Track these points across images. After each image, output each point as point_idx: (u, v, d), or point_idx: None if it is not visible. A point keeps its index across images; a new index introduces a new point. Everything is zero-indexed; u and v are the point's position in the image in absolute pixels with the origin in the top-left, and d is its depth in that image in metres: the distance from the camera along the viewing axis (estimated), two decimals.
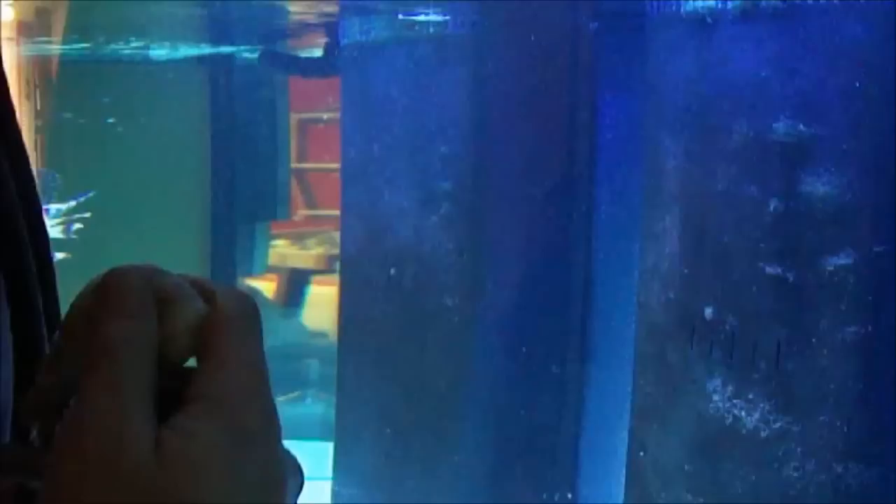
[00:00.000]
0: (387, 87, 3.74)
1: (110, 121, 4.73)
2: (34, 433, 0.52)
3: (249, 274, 5.54)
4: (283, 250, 6.59)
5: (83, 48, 4.75)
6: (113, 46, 4.86)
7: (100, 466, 0.43)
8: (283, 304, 6.65)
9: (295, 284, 6.52)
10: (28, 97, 4.51)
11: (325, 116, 5.76)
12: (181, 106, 5.03)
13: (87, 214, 4.11)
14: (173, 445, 0.44)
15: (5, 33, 4.11)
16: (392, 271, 3.78)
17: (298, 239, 6.60)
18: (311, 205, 6.75)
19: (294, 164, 6.28)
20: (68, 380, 0.48)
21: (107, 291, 0.47)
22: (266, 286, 6.59)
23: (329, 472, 4.27)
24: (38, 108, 4.60)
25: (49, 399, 0.50)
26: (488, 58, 3.57)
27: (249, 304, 0.49)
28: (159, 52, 4.87)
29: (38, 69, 4.56)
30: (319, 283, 6.33)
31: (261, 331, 0.49)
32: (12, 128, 0.76)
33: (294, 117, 5.92)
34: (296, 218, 6.51)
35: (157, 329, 0.47)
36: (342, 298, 4.15)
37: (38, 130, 4.52)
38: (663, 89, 3.01)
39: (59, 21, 4.33)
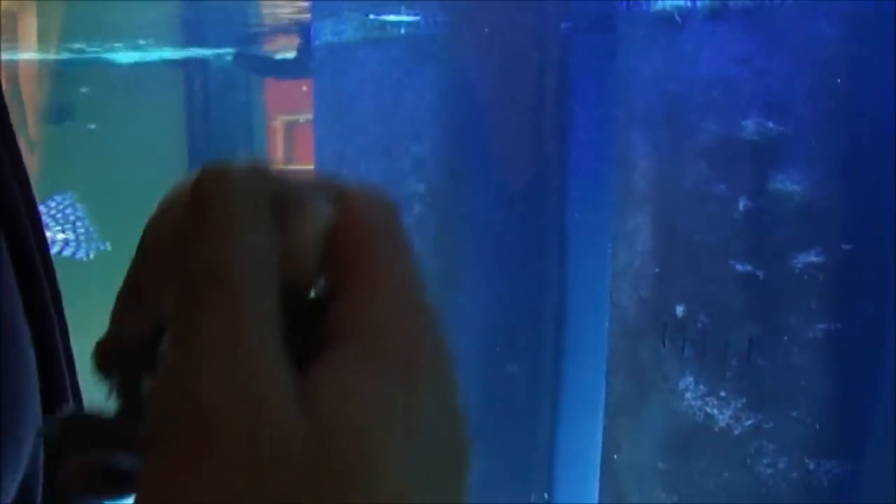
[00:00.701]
0: (359, 87, 3.73)
1: (91, 126, 4.72)
2: (110, 394, 0.39)
3: None
4: None
5: (55, 52, 4.73)
6: (86, 50, 4.85)
7: (228, 433, 0.30)
8: None
9: None
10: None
11: (311, 118, 5.72)
12: (157, 109, 5.03)
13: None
14: (330, 403, 0.31)
15: None
16: None
17: None
18: None
19: (283, 166, 6.21)
20: (151, 320, 0.36)
21: (204, 198, 0.34)
22: None
23: None
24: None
25: (129, 347, 0.38)
26: (460, 58, 3.58)
27: (393, 206, 0.37)
28: (133, 56, 4.87)
29: (6, 74, 4.54)
30: None
31: (411, 242, 0.36)
32: (8, 129, 0.71)
33: (280, 119, 5.91)
34: None
35: (278, 243, 0.34)
36: None
37: None
38: (634, 88, 3.02)
39: (28, 25, 4.31)
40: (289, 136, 6.24)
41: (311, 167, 4.35)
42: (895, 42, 2.59)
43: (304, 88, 4.72)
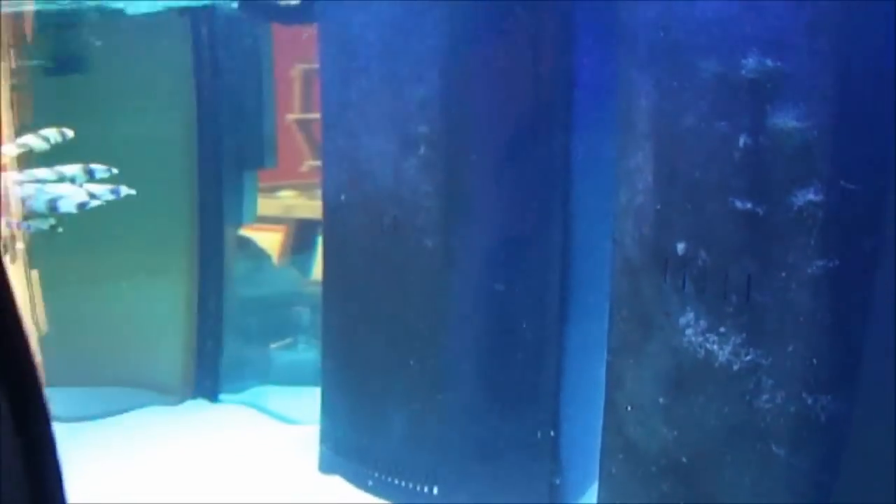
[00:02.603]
0: (363, 31, 3.74)
1: (94, 75, 4.73)
2: None
3: (239, 223, 5.58)
4: (290, 201, 6.62)
5: (59, 3, 4.74)
6: (90, 1, 4.85)
7: None
8: (291, 255, 6.69)
9: (303, 234, 6.55)
10: (1, 57, 4.51)
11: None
12: (164, 58, 5.04)
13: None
14: None
15: None
16: (372, 214, 3.81)
17: (305, 189, 6.62)
18: (317, 155, 6.73)
19: (299, 115, 6.27)
20: None
21: None
22: (273, 237, 6.63)
23: None
24: (14, 66, 4.60)
25: None
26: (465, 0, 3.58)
27: None
28: (139, 5, 4.87)
29: (12, 27, 4.55)
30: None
31: None
32: None
33: (298, 68, 5.91)
34: (303, 169, 6.51)
35: None
36: (325, 243, 4.19)
37: (14, 89, 4.52)
38: (635, 27, 3.02)
39: None
40: (307, 84, 6.25)
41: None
42: None
43: None
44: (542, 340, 3.74)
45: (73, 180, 3.21)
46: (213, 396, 5.45)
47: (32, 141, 3.24)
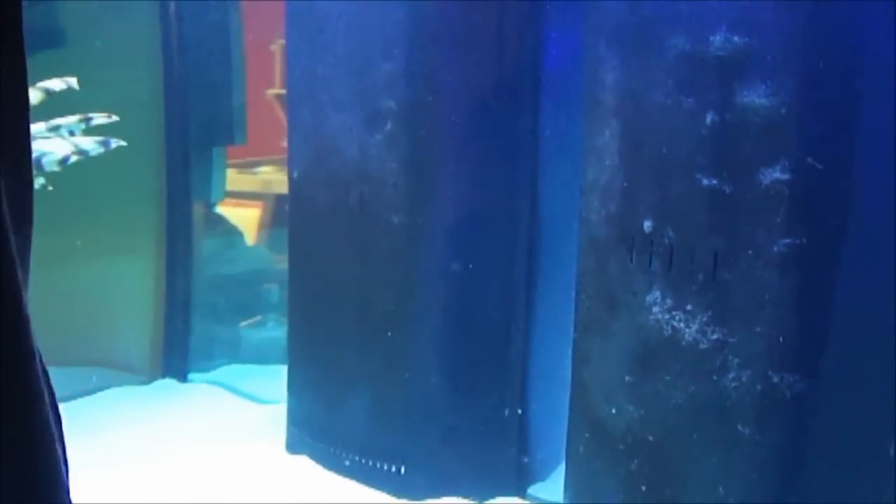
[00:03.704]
0: (329, 5, 3.70)
1: (57, 50, 4.65)
2: None
3: (207, 199, 5.52)
4: (268, 176, 6.56)
5: None
6: None
7: None
8: (269, 230, 6.64)
9: (280, 210, 6.49)
10: None
11: None
12: (131, 32, 4.96)
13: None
14: None
15: None
16: (338, 191, 3.78)
17: (285, 165, 6.56)
18: None
19: (279, 91, 6.21)
20: None
21: None
22: (250, 213, 6.58)
23: None
24: None
25: None
26: None
27: None
28: None
29: None
30: None
31: None
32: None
33: (279, 43, 5.83)
34: (284, 144, 6.46)
35: None
36: (291, 220, 4.16)
37: None
38: (602, 4, 3.00)
39: None
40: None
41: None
42: None
43: None
44: (509, 319, 3.72)
45: (71, 133, 3.04)
46: (182, 376, 5.41)
47: (32, 95, 3.12)
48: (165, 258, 5.27)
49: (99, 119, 3.08)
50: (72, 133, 3.02)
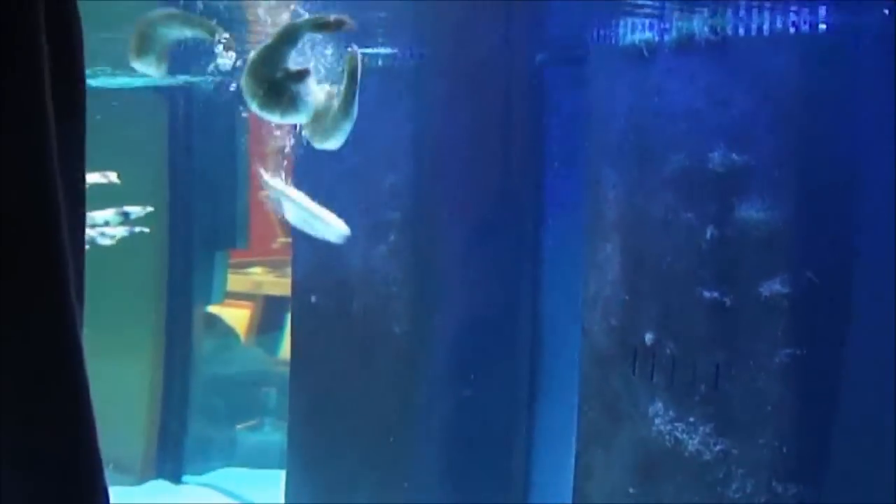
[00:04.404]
0: None
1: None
2: None
3: (208, 302, 5.54)
4: (259, 277, 6.59)
5: None
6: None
7: None
8: (259, 332, 6.63)
9: (271, 312, 6.50)
10: None
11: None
12: (138, 135, 5.04)
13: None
14: None
15: None
16: (342, 299, 3.81)
17: (275, 267, 6.60)
18: (289, 233, 6.72)
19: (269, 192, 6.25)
20: None
21: None
22: (241, 313, 6.58)
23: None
24: None
25: None
26: (435, 90, 3.63)
27: None
28: (116, 81, 4.89)
29: None
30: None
31: None
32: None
33: (272, 145, 5.90)
34: (274, 245, 6.50)
35: None
36: (293, 326, 4.17)
37: None
38: (603, 120, 3.08)
39: None
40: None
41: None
42: (854, 73, 2.67)
43: None
44: (511, 428, 3.72)
45: (106, 223, 3.19)
46: (176, 478, 5.34)
47: None
48: (164, 359, 5.26)
49: (135, 213, 3.21)
50: (107, 224, 3.16)
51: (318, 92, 2.54)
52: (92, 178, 3.14)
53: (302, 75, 2.43)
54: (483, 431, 3.71)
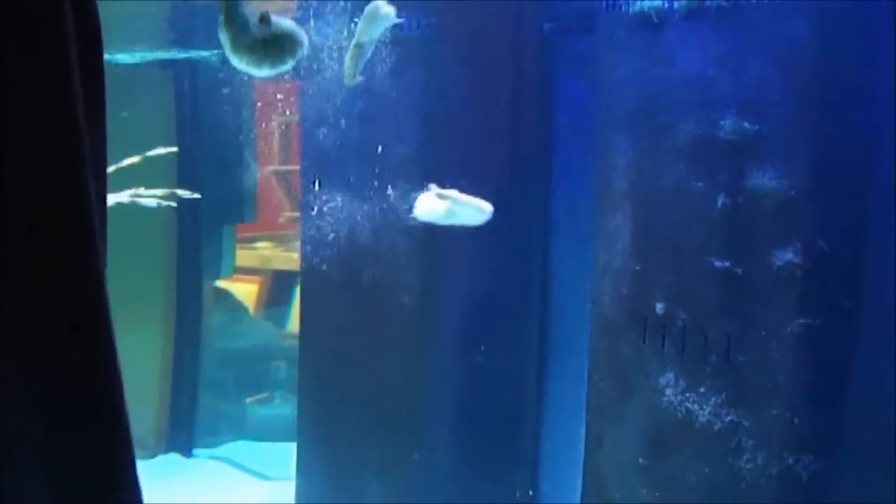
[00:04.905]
0: (344, 89, 3.76)
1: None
2: None
3: (217, 277, 5.55)
4: (267, 252, 6.60)
5: None
6: None
7: None
8: (266, 306, 6.65)
9: (279, 286, 6.52)
10: None
11: None
12: (146, 110, 5.03)
13: None
14: None
15: None
16: (351, 271, 3.80)
17: (283, 241, 6.60)
18: (295, 207, 6.74)
19: (278, 167, 6.28)
20: None
21: None
22: (250, 288, 6.60)
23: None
24: None
25: None
26: (444, 59, 3.60)
27: None
28: (122, 57, 4.88)
29: None
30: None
31: None
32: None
33: (278, 119, 5.92)
34: (281, 220, 6.51)
35: None
36: (302, 299, 4.17)
37: None
38: (613, 89, 3.05)
39: None
40: (286, 136, 6.27)
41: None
42: (868, 40, 2.63)
43: None
44: (521, 399, 3.71)
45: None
46: (187, 451, 5.37)
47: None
48: (174, 333, 5.27)
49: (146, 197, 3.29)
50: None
51: (297, 31, 2.49)
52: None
53: (265, 18, 2.39)
54: (493, 402, 3.71)
